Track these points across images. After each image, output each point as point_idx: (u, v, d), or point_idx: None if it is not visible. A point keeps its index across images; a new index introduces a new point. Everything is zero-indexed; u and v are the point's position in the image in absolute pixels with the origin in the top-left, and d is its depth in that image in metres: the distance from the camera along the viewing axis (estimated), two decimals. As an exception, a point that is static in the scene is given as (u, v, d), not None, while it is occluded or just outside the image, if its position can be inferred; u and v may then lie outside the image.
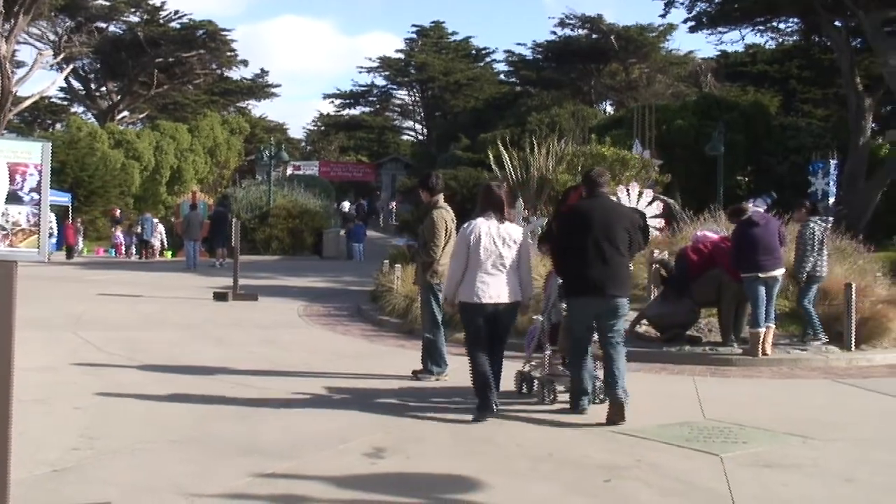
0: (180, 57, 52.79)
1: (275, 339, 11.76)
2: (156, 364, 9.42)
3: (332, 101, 68.52)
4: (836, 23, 30.15)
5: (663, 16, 45.07)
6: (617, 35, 50.69)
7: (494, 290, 6.97)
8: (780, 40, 40.14)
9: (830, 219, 11.12)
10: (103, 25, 51.09)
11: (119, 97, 53.90)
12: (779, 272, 9.99)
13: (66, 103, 57.60)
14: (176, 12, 51.53)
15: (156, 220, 32.39)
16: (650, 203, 15.23)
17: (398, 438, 6.43)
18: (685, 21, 34.63)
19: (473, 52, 65.14)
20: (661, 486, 5.38)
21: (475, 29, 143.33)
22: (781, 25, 36.65)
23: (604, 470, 5.67)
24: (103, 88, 55.07)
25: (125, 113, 55.02)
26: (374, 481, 5.43)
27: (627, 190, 15.25)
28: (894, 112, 31.31)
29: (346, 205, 45.20)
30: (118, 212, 34.56)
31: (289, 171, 48.57)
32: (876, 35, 25.93)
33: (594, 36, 52.12)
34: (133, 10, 50.79)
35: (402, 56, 63.98)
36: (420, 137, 68.69)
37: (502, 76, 62.85)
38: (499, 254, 7.01)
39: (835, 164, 29.60)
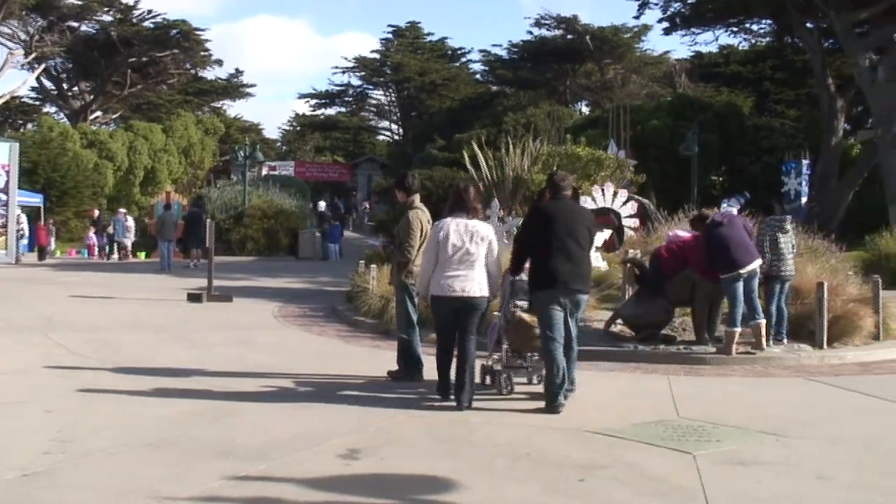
0: (154, 57, 52.42)
1: (249, 340, 11.70)
2: (129, 366, 9.34)
3: (308, 101, 68.42)
4: (808, 24, 30.47)
5: (638, 17, 45.49)
6: (592, 35, 50.91)
7: (461, 284, 7.41)
8: (754, 41, 40.57)
9: (787, 217, 11.16)
10: (75, 25, 50.65)
11: (92, 97, 53.43)
12: (756, 264, 10.07)
13: (37, 103, 57.03)
14: (149, 12, 51.20)
15: (127, 217, 31.95)
16: (625, 203, 15.33)
17: (373, 439, 6.41)
18: (659, 21, 34.88)
19: (449, 52, 65.17)
20: (636, 485, 5.40)
21: (451, 29, 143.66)
22: (754, 27, 37.05)
23: (580, 469, 5.68)
24: (76, 88, 54.59)
25: (98, 113, 54.56)
26: (349, 483, 5.41)
27: (602, 190, 15.33)
28: (865, 112, 31.61)
29: (322, 205, 45.11)
30: (97, 213, 34.24)
31: (264, 172, 48.34)
32: (847, 36, 26.20)
33: (570, 36, 52.32)
34: (106, 9, 50.35)
35: (377, 56, 63.90)
36: (396, 138, 68.65)
37: (478, 76, 62.96)
38: (466, 250, 7.44)
39: (807, 164, 29.93)
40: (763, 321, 10.14)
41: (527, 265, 7.77)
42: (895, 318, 11.73)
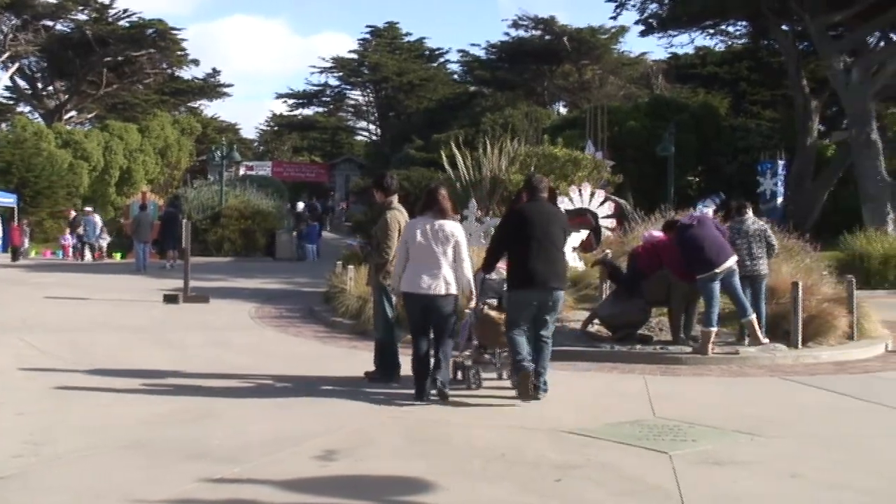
0: (130, 56, 52.03)
1: (226, 341, 11.63)
2: (103, 368, 9.26)
3: (285, 101, 68.12)
4: (784, 27, 30.69)
5: (615, 18, 45.62)
6: (570, 36, 51.05)
7: (428, 281, 7.66)
8: (730, 43, 40.82)
9: (745, 216, 11.12)
10: (50, 23, 50.18)
11: (67, 97, 52.97)
12: (731, 261, 10.11)
13: (11, 103, 56.41)
14: (125, 11, 50.80)
15: (94, 216, 31.64)
16: (602, 203, 15.36)
17: (349, 440, 6.39)
18: (636, 23, 35.02)
19: (427, 52, 65.11)
20: (612, 485, 5.41)
21: (429, 30, 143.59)
22: (730, 29, 37.29)
23: (555, 469, 5.69)
24: (50, 88, 54.10)
25: (73, 113, 54.10)
26: (325, 484, 5.39)
27: (580, 190, 15.36)
28: (840, 114, 31.90)
29: (300, 205, 44.97)
30: (73, 213, 33.92)
31: (241, 172, 48.11)
32: (821, 39, 26.42)
33: (547, 37, 52.43)
34: (81, 8, 49.91)
35: (355, 56, 63.74)
36: (374, 138, 68.50)
37: (456, 77, 62.94)
38: (434, 249, 7.69)
39: (782, 164, 30.16)
40: (753, 316, 10.19)
41: (501, 264, 8.00)
42: (869, 317, 11.85)
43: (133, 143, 44.21)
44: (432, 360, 7.82)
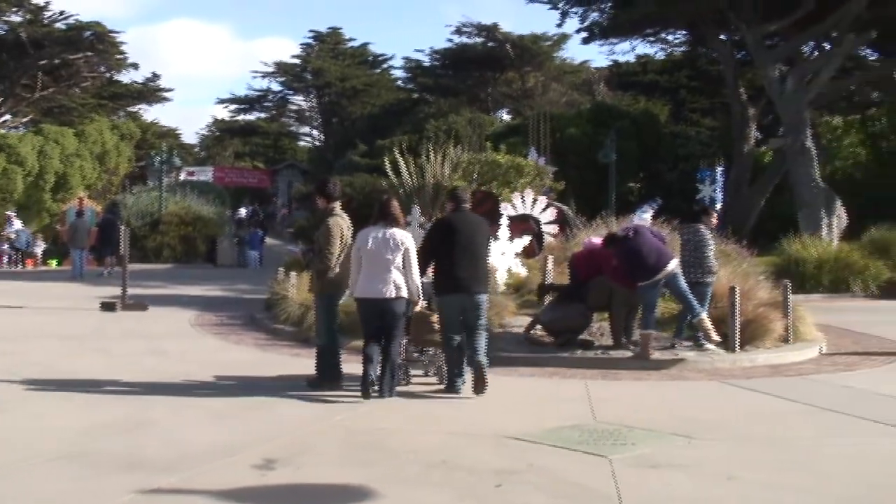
0: (66, 59, 50.92)
1: (164, 349, 11.45)
2: (37, 378, 9.03)
3: (227, 107, 67.28)
4: (721, 36, 31.23)
5: (559, 25, 45.99)
6: (512, 44, 51.34)
7: (380, 287, 8.09)
8: (670, 51, 41.39)
9: (691, 226, 11.26)
10: (-18, 25, 49.00)
11: (0, 100, 51.72)
12: (672, 265, 10.20)
13: (-58, 106, 54.97)
14: (61, 13, 49.68)
15: (14, 221, 30.92)
16: (544, 209, 15.46)
17: (289, 448, 6.33)
18: (578, 31, 35.32)
19: (371, 58, 64.93)
20: (552, 490, 5.44)
21: (373, 35, 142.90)
22: (670, 37, 37.79)
23: (495, 475, 5.70)
24: (-17, 91, 52.81)
25: (7, 117, 52.78)
26: (264, 494, 5.33)
27: (522, 197, 15.44)
28: (776, 121, 32.56)
29: (243, 211, 44.51)
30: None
31: (182, 177, 47.48)
32: (757, 48, 26.92)
33: (490, 44, 52.66)
34: (15, 9, 48.76)
35: (298, 61, 63.32)
36: (317, 143, 68.09)
37: (400, 83, 62.84)
38: (385, 256, 8.12)
39: (721, 171, 30.67)
40: (704, 315, 10.27)
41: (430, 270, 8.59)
42: (804, 321, 12.08)
43: (69, 147, 43.26)
44: (380, 360, 8.16)
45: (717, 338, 10.37)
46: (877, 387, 9.11)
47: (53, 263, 30.68)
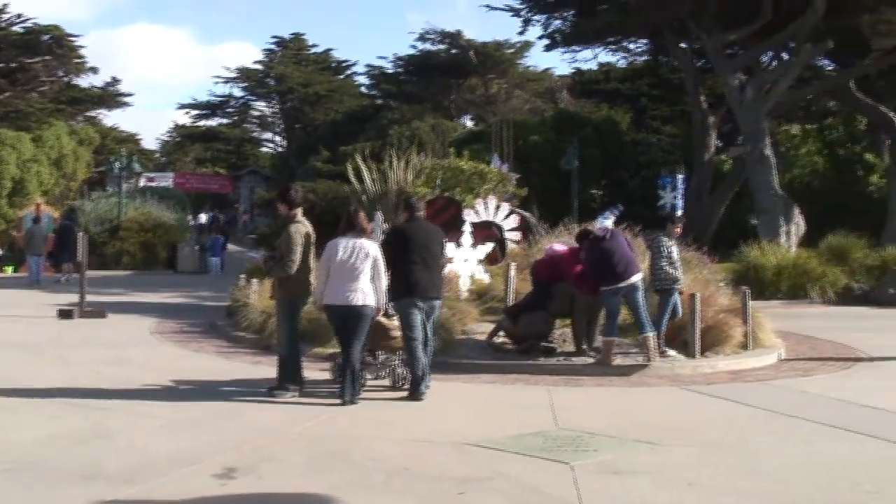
0: (23, 63, 50.20)
1: (123, 357, 11.28)
2: (-9, 387, 8.87)
3: (188, 112, 66.70)
4: (682, 45, 31.56)
5: (521, 33, 46.21)
6: (476, 51, 51.51)
7: (347, 294, 8.24)
8: (631, 59, 41.77)
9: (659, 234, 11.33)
10: (-62, 28, 48.19)
11: (-44, 104, 50.89)
12: (637, 277, 10.27)
13: None
14: (19, 16, 49.01)
15: None
16: (507, 216, 15.47)
17: (251, 457, 6.27)
18: (541, 38, 35.49)
19: (334, 64, 64.74)
20: (515, 497, 5.44)
21: (336, 42, 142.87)
22: (632, 46, 38.14)
23: (458, 482, 5.68)
24: (-62, 95, 51.88)
25: (-38, 121, 51.96)
26: (225, 504, 5.27)
27: (485, 203, 15.45)
28: (735, 130, 32.96)
29: (203, 217, 44.16)
30: None
31: (142, 183, 46.98)
32: (717, 57, 27.26)
33: (454, 51, 52.79)
34: (-29, 12, 48.10)
35: (260, 67, 62.98)
36: (279, 149, 67.73)
37: (363, 89, 62.73)
38: (353, 265, 8.28)
39: (682, 178, 30.95)
40: (651, 334, 10.29)
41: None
42: (763, 327, 12.22)
43: (26, 153, 42.56)
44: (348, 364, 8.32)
45: (656, 357, 10.34)
46: (833, 392, 9.24)
47: (9, 270, 30.19)
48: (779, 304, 18.44)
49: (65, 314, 15.56)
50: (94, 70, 54.18)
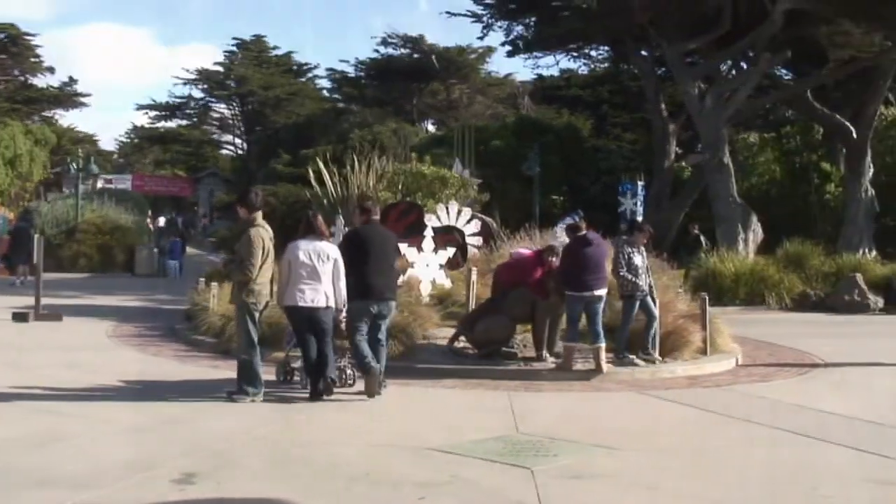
0: (-22, 62, 49.51)
1: (79, 361, 11.11)
2: (-57, 391, 8.70)
3: (147, 113, 65.85)
4: (643, 52, 31.85)
5: (481, 38, 46.22)
6: (438, 55, 51.57)
7: (310, 296, 8.45)
8: (593, 66, 42.04)
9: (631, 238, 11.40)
10: None
11: None
12: (602, 291, 10.35)
13: None
14: (-26, 14, 48.37)
15: None
16: (469, 221, 15.49)
17: (209, 462, 6.21)
18: (503, 44, 35.62)
19: (295, 67, 64.43)
20: (475, 502, 5.44)
21: (298, 45, 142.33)
22: (593, 53, 38.38)
23: (418, 487, 5.67)
24: None
25: (-86, 120, 50.95)
26: (183, 509, 5.21)
27: (447, 208, 15.46)
28: (695, 137, 33.32)
29: (162, 220, 43.69)
30: None
31: (99, 185, 46.35)
32: (678, 65, 27.52)
33: (416, 55, 52.83)
34: (-76, 9, 47.26)
35: (221, 69, 62.46)
36: (239, 152, 67.18)
37: (325, 93, 62.55)
38: (313, 267, 8.48)
39: (642, 185, 31.18)
40: (602, 345, 10.29)
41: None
42: (721, 333, 12.34)
43: (-20, 153, 41.93)
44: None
45: (604, 369, 10.32)
46: (790, 397, 9.37)
47: (-37, 273, 29.61)
48: (736, 310, 18.63)
49: (20, 317, 15.30)
50: (50, 70, 53.53)
